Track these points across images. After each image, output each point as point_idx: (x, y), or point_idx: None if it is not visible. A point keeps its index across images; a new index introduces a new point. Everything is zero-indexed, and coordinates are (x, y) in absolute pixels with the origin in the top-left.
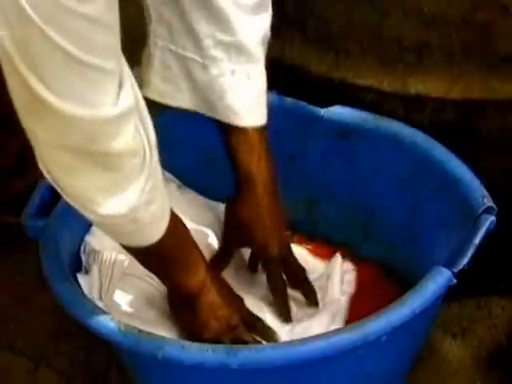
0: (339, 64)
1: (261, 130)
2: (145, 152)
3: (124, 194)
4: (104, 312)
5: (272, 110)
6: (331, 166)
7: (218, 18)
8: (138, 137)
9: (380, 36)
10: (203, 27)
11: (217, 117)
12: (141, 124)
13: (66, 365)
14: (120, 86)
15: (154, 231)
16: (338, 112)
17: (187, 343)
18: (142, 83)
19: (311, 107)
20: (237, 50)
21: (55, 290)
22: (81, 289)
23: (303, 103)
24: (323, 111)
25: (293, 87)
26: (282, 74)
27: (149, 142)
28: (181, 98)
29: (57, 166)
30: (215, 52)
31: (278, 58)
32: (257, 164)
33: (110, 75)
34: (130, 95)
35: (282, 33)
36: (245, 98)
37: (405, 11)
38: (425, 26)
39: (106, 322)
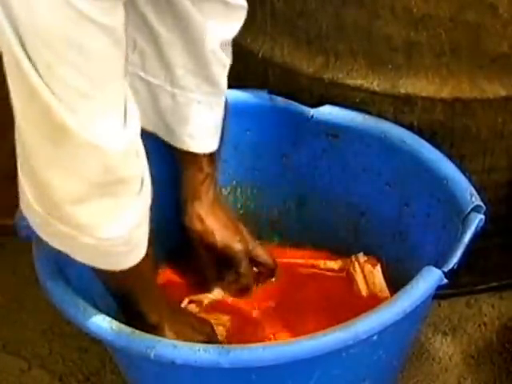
0: (329, 64)
1: (212, 154)
2: (143, 175)
3: (125, 216)
4: (97, 312)
5: (263, 110)
6: (322, 166)
7: (194, 50)
8: (139, 161)
9: (369, 36)
10: (177, 57)
11: (172, 142)
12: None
13: (60, 364)
14: (125, 113)
15: (141, 252)
16: (328, 112)
17: (179, 343)
18: None
19: (301, 107)
20: (206, 81)
21: (48, 290)
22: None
23: (294, 103)
24: (313, 111)
25: (283, 87)
26: (272, 74)
27: (144, 165)
28: (145, 121)
29: (67, 197)
30: (186, 82)
31: (269, 58)
32: (202, 181)
33: (113, 104)
34: (136, 120)
35: (272, 33)
36: (205, 126)
37: (394, 12)
38: (414, 26)
39: (99, 322)
